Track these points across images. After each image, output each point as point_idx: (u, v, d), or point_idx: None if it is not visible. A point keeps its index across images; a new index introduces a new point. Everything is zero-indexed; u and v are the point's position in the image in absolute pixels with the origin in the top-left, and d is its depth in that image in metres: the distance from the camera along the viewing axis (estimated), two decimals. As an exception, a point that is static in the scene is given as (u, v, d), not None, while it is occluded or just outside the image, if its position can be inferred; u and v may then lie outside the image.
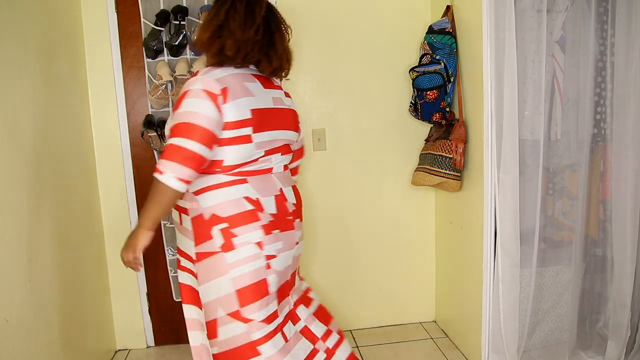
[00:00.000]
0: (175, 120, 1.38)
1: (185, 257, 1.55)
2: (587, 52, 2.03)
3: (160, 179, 1.33)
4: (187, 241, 1.52)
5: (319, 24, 2.44)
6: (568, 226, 2.22)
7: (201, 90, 1.38)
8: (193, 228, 1.48)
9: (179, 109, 1.39)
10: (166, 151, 1.35)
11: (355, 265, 2.63)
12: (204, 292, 1.49)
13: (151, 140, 2.28)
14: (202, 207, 1.45)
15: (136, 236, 1.40)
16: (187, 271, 1.57)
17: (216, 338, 1.50)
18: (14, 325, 1.55)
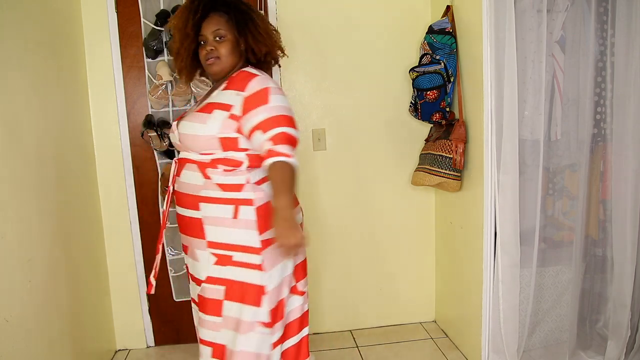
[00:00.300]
0: (273, 113, 1.48)
1: (242, 250, 1.53)
2: (587, 52, 2.03)
3: (291, 161, 1.47)
4: (245, 232, 1.53)
5: (319, 24, 2.44)
6: (568, 226, 2.22)
7: (278, 88, 1.56)
8: (257, 217, 1.53)
9: (270, 103, 1.49)
10: (282, 138, 1.47)
11: (355, 265, 2.63)
12: (272, 277, 1.55)
13: (151, 140, 2.28)
14: (268, 195, 1.54)
15: (291, 216, 1.46)
16: (240, 265, 1.54)
17: (282, 319, 1.62)
18: (14, 325, 1.54)
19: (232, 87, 1.55)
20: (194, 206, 1.56)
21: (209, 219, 1.54)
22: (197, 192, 1.55)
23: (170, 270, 2.47)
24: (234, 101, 1.51)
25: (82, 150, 2.25)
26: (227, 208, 1.53)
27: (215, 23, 1.58)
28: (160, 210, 2.43)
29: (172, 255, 2.47)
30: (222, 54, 1.58)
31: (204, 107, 1.56)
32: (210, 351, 1.59)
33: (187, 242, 1.64)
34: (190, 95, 2.33)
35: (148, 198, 2.44)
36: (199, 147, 1.55)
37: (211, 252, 1.55)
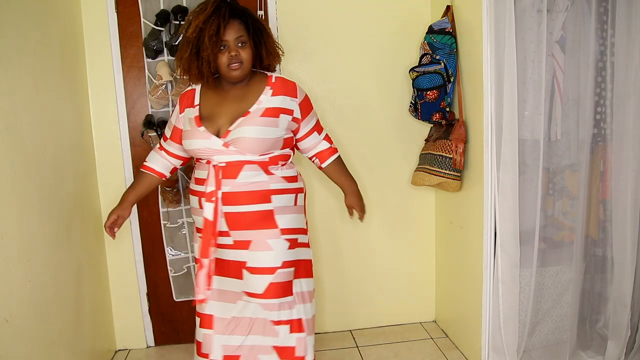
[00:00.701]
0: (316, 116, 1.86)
1: (302, 232, 1.79)
2: (587, 52, 2.03)
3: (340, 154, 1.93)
4: (302, 217, 1.81)
5: (318, 24, 2.44)
6: (568, 226, 2.22)
7: None
8: (305, 202, 1.84)
9: (313, 108, 1.84)
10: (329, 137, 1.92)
11: (354, 265, 2.63)
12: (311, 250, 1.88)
13: (151, 140, 2.28)
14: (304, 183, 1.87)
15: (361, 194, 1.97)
16: (302, 245, 1.79)
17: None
18: (14, 325, 1.54)
19: (281, 93, 1.72)
20: (265, 200, 1.69)
21: (279, 209, 1.71)
22: (266, 187, 1.69)
23: (170, 270, 2.47)
24: (292, 106, 1.74)
25: (82, 150, 2.25)
26: (290, 197, 1.75)
27: (237, 30, 1.64)
28: (161, 211, 2.42)
29: (172, 255, 2.47)
30: (245, 59, 1.66)
31: (267, 112, 1.68)
32: (287, 328, 1.74)
33: (251, 236, 1.70)
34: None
35: (148, 198, 2.43)
36: (265, 149, 1.68)
37: (284, 239, 1.72)
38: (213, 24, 1.59)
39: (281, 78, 1.75)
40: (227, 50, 1.63)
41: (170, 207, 2.42)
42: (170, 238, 2.46)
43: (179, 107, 1.78)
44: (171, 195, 2.37)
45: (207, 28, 1.59)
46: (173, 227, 2.45)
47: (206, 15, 1.60)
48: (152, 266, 2.49)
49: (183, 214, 2.44)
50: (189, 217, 2.43)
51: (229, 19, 1.62)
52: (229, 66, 1.64)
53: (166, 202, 2.39)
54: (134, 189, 1.85)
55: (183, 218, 2.44)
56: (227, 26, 1.62)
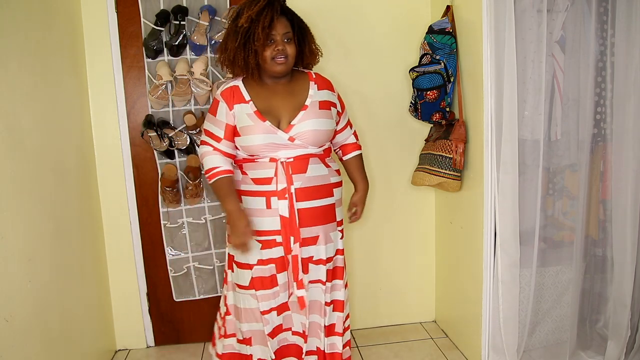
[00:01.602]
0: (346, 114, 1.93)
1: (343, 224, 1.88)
2: (587, 52, 2.03)
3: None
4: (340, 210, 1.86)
5: (318, 25, 2.43)
6: (568, 226, 2.22)
7: None
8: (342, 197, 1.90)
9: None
10: (356, 135, 1.98)
11: (354, 265, 2.62)
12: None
13: (151, 140, 2.28)
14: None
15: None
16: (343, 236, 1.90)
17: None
18: (14, 325, 1.55)
19: (324, 87, 1.82)
20: (330, 194, 1.79)
21: (338, 201, 1.84)
22: (328, 181, 1.78)
23: (170, 270, 2.47)
24: (334, 100, 1.83)
25: (82, 150, 2.25)
26: (340, 190, 1.86)
27: (285, 26, 1.69)
28: (161, 211, 2.42)
29: (172, 255, 2.47)
30: (291, 54, 1.71)
31: (322, 105, 1.76)
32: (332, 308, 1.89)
33: (317, 232, 1.77)
34: (190, 95, 2.33)
35: (148, 198, 2.44)
36: (324, 140, 1.76)
37: (338, 230, 1.85)
38: (267, 17, 1.62)
39: (318, 74, 1.85)
40: (274, 44, 1.66)
41: (170, 207, 2.42)
42: (170, 238, 2.46)
43: (226, 105, 1.71)
44: (171, 195, 2.37)
45: (260, 20, 1.62)
46: (173, 227, 2.45)
47: (260, 7, 1.63)
48: (152, 266, 2.49)
49: (183, 214, 2.44)
50: (189, 217, 2.43)
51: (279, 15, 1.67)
52: (274, 59, 1.67)
53: (166, 202, 2.39)
54: (232, 195, 1.72)
55: (183, 218, 2.44)
56: (277, 20, 1.66)
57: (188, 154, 2.36)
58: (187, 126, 2.33)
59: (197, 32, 2.28)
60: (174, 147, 2.31)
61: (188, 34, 2.30)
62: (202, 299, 2.51)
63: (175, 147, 2.31)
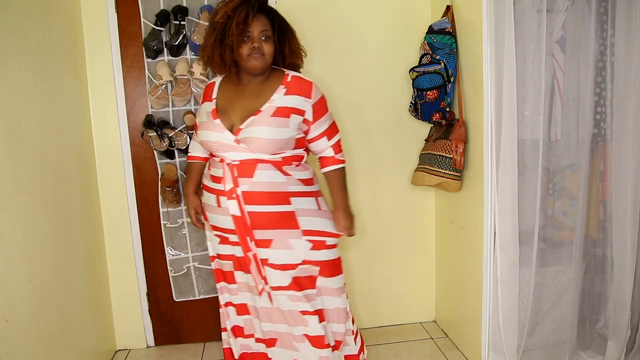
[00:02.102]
0: (330, 120, 1.80)
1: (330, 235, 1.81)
2: (587, 52, 2.03)
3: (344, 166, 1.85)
4: (328, 221, 1.82)
5: (318, 25, 2.44)
6: (568, 226, 2.21)
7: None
8: (327, 206, 1.85)
9: (328, 111, 1.78)
10: (339, 146, 1.86)
11: (354, 265, 2.62)
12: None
13: (151, 140, 2.28)
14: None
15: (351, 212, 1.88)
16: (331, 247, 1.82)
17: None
18: (14, 325, 1.55)
19: (294, 92, 1.70)
20: (284, 201, 1.71)
21: (301, 211, 1.74)
22: (284, 189, 1.70)
23: (170, 270, 2.47)
24: (304, 107, 1.71)
25: (82, 150, 2.25)
26: (311, 200, 1.78)
27: (262, 23, 1.68)
28: (161, 211, 2.42)
29: (172, 255, 2.47)
30: (267, 52, 1.69)
31: (278, 111, 1.67)
32: (317, 319, 1.80)
33: (272, 235, 1.74)
34: (190, 95, 2.33)
35: (148, 198, 2.44)
36: (276, 149, 1.68)
37: (307, 239, 1.76)
38: (242, 13, 1.62)
39: (298, 77, 1.73)
40: (250, 41, 1.66)
41: (170, 207, 2.42)
42: (170, 238, 2.46)
43: (202, 99, 1.84)
44: (171, 195, 2.37)
45: (235, 16, 1.62)
46: (173, 227, 2.45)
47: (236, 3, 1.64)
48: (152, 266, 2.49)
49: (183, 214, 2.44)
50: (188, 217, 2.43)
51: (257, 12, 1.66)
52: (251, 55, 1.66)
53: (166, 202, 2.39)
54: (190, 180, 1.94)
55: (183, 218, 2.44)
56: (254, 18, 1.65)
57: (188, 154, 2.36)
58: (187, 126, 2.33)
59: (197, 32, 2.28)
60: (174, 147, 2.31)
61: (188, 34, 2.30)
62: (202, 299, 2.51)
63: (175, 147, 2.31)
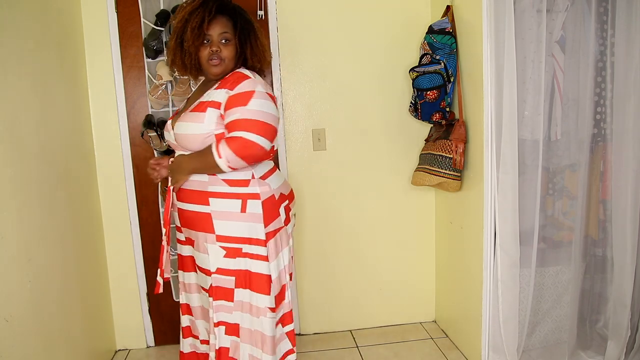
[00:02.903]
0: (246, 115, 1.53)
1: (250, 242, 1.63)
2: (587, 52, 2.03)
3: (219, 162, 1.54)
4: (253, 226, 1.62)
5: (318, 24, 2.44)
6: (568, 226, 2.21)
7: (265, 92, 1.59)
8: (263, 210, 1.63)
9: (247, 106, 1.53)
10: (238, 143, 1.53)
11: (354, 265, 2.62)
12: (275, 265, 1.68)
13: (151, 140, 2.28)
14: (272, 189, 1.66)
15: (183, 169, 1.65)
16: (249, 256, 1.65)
17: (284, 300, 1.75)
18: (14, 325, 1.55)
19: (222, 86, 1.61)
20: (203, 201, 1.62)
21: (218, 214, 1.61)
22: (204, 188, 1.61)
23: (171, 270, 2.47)
24: (222, 99, 1.58)
25: (82, 150, 2.25)
26: (235, 202, 1.61)
27: (222, 26, 1.62)
28: (161, 211, 2.43)
29: (172, 255, 2.47)
30: (226, 56, 1.64)
31: (198, 106, 1.61)
32: (224, 329, 1.69)
33: (193, 236, 1.68)
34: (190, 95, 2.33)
35: (148, 198, 2.44)
36: (197, 146, 1.60)
37: (220, 246, 1.62)
38: (197, 17, 1.58)
39: (239, 72, 1.62)
40: (209, 45, 1.62)
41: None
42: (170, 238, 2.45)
43: None
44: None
45: (191, 20, 1.59)
46: (173, 227, 2.45)
47: (193, 7, 1.60)
48: (152, 266, 2.49)
49: (183, 214, 2.44)
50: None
51: (215, 14, 1.60)
52: (209, 61, 1.63)
53: (166, 202, 2.39)
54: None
55: (183, 218, 2.44)
56: (213, 21, 1.60)
57: (188, 154, 2.36)
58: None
59: (197, 32, 2.28)
60: (174, 147, 2.31)
61: (188, 34, 2.30)
62: (202, 299, 2.51)
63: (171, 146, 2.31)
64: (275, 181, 1.70)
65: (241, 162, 1.55)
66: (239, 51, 1.65)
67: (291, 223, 1.79)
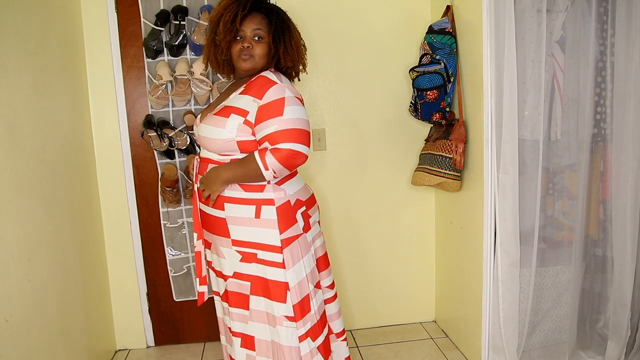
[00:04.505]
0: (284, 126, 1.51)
1: (265, 248, 1.59)
2: (587, 52, 2.03)
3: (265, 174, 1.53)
4: (267, 231, 1.58)
5: (319, 25, 2.44)
6: (568, 226, 2.21)
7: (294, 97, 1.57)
8: (278, 217, 1.59)
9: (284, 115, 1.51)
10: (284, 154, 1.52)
11: (354, 265, 2.63)
12: (294, 274, 1.61)
13: (151, 140, 2.28)
14: (288, 195, 1.62)
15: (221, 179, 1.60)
16: (263, 262, 1.60)
17: (309, 312, 1.64)
18: (14, 325, 1.55)
19: (249, 92, 1.57)
20: (219, 206, 1.61)
21: (233, 219, 1.59)
22: (222, 193, 1.60)
23: (171, 270, 2.47)
24: (250, 108, 1.55)
25: (82, 150, 2.25)
26: (249, 208, 1.59)
27: (257, 22, 1.61)
28: (161, 211, 2.43)
29: (172, 255, 2.47)
30: (257, 53, 1.61)
31: (222, 110, 1.59)
32: (239, 341, 1.66)
33: (211, 239, 1.68)
34: (190, 95, 2.33)
35: (148, 198, 2.44)
36: (218, 149, 1.60)
37: (236, 250, 1.61)
38: (230, 12, 1.57)
39: (264, 77, 1.59)
40: (242, 41, 1.61)
41: (170, 207, 2.42)
42: (170, 238, 2.46)
43: None
44: (171, 196, 2.37)
45: (225, 14, 1.58)
46: (173, 227, 2.45)
47: (228, 2, 1.60)
48: (152, 266, 2.49)
49: (183, 214, 2.44)
50: (189, 217, 2.43)
51: (250, 11, 1.60)
52: (240, 56, 1.61)
53: (166, 202, 2.39)
54: None
55: (183, 218, 2.44)
56: (247, 17, 1.59)
57: (188, 154, 2.36)
58: (187, 126, 2.33)
59: (197, 32, 2.28)
60: (174, 147, 2.31)
61: (188, 34, 2.30)
62: (202, 299, 2.51)
63: (175, 147, 2.31)
64: (292, 187, 1.65)
65: (286, 171, 1.55)
66: (272, 50, 1.63)
67: (313, 230, 1.71)
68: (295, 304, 1.61)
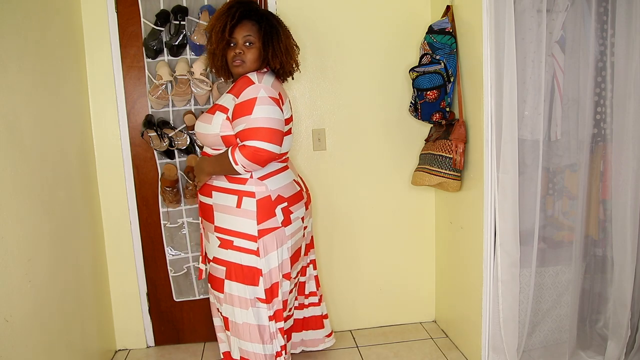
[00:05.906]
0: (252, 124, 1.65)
1: (241, 236, 1.76)
2: (587, 52, 2.03)
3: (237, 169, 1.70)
4: (245, 221, 1.75)
5: (318, 24, 2.44)
6: (568, 226, 2.22)
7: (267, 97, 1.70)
8: (257, 208, 1.76)
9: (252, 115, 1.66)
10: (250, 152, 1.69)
11: (355, 265, 2.63)
12: (267, 262, 1.79)
13: (151, 140, 2.28)
14: (269, 190, 1.77)
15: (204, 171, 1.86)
16: (239, 249, 1.78)
17: (277, 297, 1.83)
18: (14, 325, 1.55)
19: (232, 91, 1.76)
20: (209, 194, 1.82)
21: (218, 206, 1.79)
22: (211, 182, 1.81)
23: (171, 270, 2.47)
24: (230, 105, 1.73)
25: (82, 150, 2.25)
26: (232, 197, 1.76)
27: (247, 29, 1.78)
28: (161, 210, 2.43)
29: (172, 255, 2.47)
30: (248, 59, 1.78)
31: (212, 108, 1.80)
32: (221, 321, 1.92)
33: (204, 224, 1.90)
34: (190, 95, 2.33)
35: (148, 198, 2.44)
36: (209, 143, 1.80)
37: (216, 236, 1.80)
38: (221, 22, 1.74)
39: (247, 77, 1.75)
40: (235, 47, 1.77)
41: (170, 207, 2.42)
42: (170, 238, 2.46)
43: None
44: (171, 196, 2.37)
45: (216, 24, 1.75)
46: (173, 227, 2.45)
47: (220, 12, 1.77)
48: (152, 266, 2.49)
49: (183, 214, 2.44)
50: (189, 217, 2.43)
51: (240, 19, 1.75)
52: (233, 62, 1.79)
53: (166, 202, 2.39)
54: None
55: (183, 218, 2.44)
56: (238, 25, 1.75)
57: (188, 154, 2.36)
58: (187, 126, 2.33)
59: (197, 32, 2.28)
60: (174, 147, 2.31)
61: (188, 34, 2.30)
62: (202, 299, 2.51)
63: (175, 147, 2.31)
64: (275, 183, 1.80)
65: (255, 166, 1.69)
66: (263, 54, 1.79)
67: (293, 225, 1.85)
68: (267, 288, 1.80)
